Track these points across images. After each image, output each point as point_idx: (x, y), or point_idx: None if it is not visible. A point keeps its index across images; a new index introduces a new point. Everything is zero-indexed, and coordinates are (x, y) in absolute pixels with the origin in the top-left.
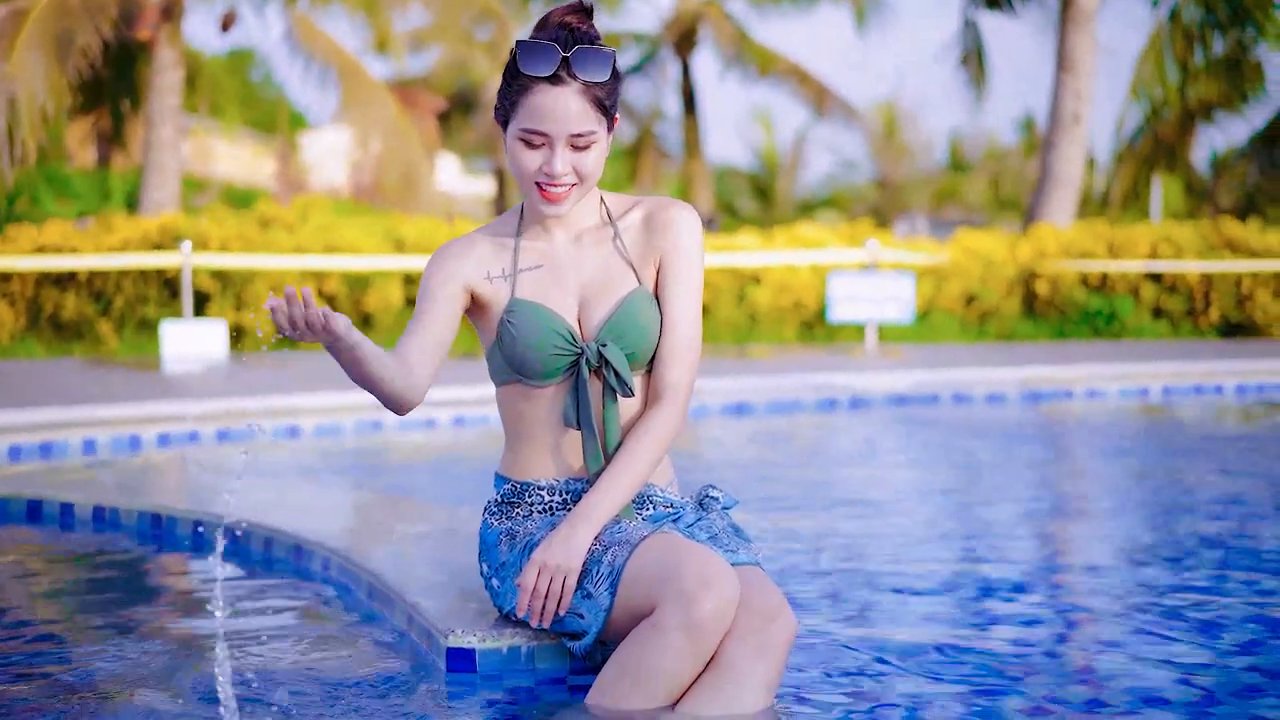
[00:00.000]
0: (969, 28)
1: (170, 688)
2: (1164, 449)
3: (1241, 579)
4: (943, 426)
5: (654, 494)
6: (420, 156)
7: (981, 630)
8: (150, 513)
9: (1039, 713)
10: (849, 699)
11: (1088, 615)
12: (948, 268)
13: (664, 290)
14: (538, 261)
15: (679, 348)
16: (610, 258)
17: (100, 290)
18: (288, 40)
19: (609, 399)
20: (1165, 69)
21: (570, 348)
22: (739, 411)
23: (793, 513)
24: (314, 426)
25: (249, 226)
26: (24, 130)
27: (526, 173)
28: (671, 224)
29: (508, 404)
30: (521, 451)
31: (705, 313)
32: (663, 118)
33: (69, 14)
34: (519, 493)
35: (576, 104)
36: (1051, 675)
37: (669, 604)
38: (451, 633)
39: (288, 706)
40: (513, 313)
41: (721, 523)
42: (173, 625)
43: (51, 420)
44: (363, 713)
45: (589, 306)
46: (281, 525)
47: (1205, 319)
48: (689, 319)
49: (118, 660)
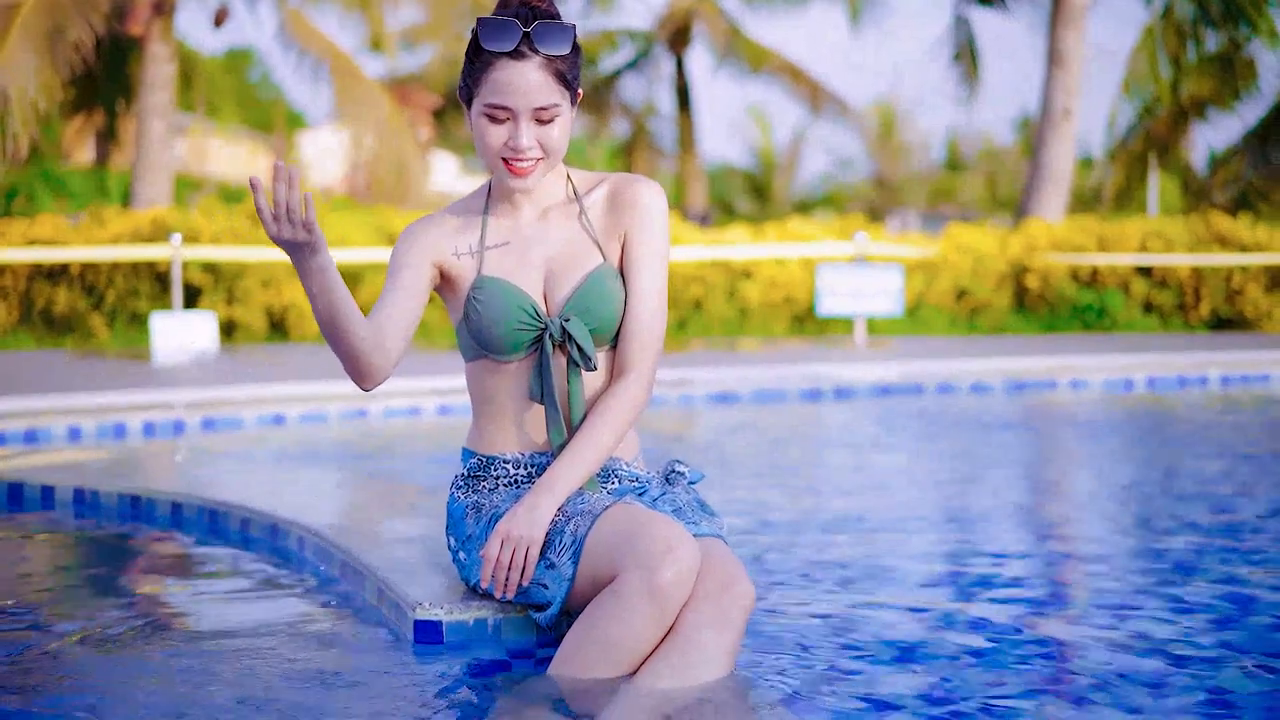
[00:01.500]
0: (960, 24)
1: (144, 661)
2: (1146, 438)
3: (1218, 559)
4: (925, 416)
5: (619, 468)
6: (413, 154)
7: (956, 609)
8: (130, 494)
9: (1019, 693)
10: (820, 678)
11: (1062, 595)
12: (938, 262)
13: (628, 267)
14: (505, 238)
15: (642, 323)
16: (576, 234)
17: (92, 284)
18: (280, 37)
19: (573, 373)
20: (1158, 66)
21: (534, 323)
22: (724, 400)
23: (769, 493)
24: (299, 414)
25: (240, 221)
26: (16, 126)
27: (492, 148)
28: (636, 201)
29: (475, 379)
30: (488, 426)
31: (696, 307)
32: (656, 114)
33: (60, 9)
34: (485, 466)
35: (538, 77)
36: (1027, 655)
37: (630, 571)
38: (419, 605)
39: (257, 678)
40: (479, 289)
41: (686, 496)
42: (148, 601)
43: (37, 408)
44: (329, 684)
45: (554, 282)
46: (259, 506)
47: (1196, 313)
48: (652, 293)
49: (94, 633)
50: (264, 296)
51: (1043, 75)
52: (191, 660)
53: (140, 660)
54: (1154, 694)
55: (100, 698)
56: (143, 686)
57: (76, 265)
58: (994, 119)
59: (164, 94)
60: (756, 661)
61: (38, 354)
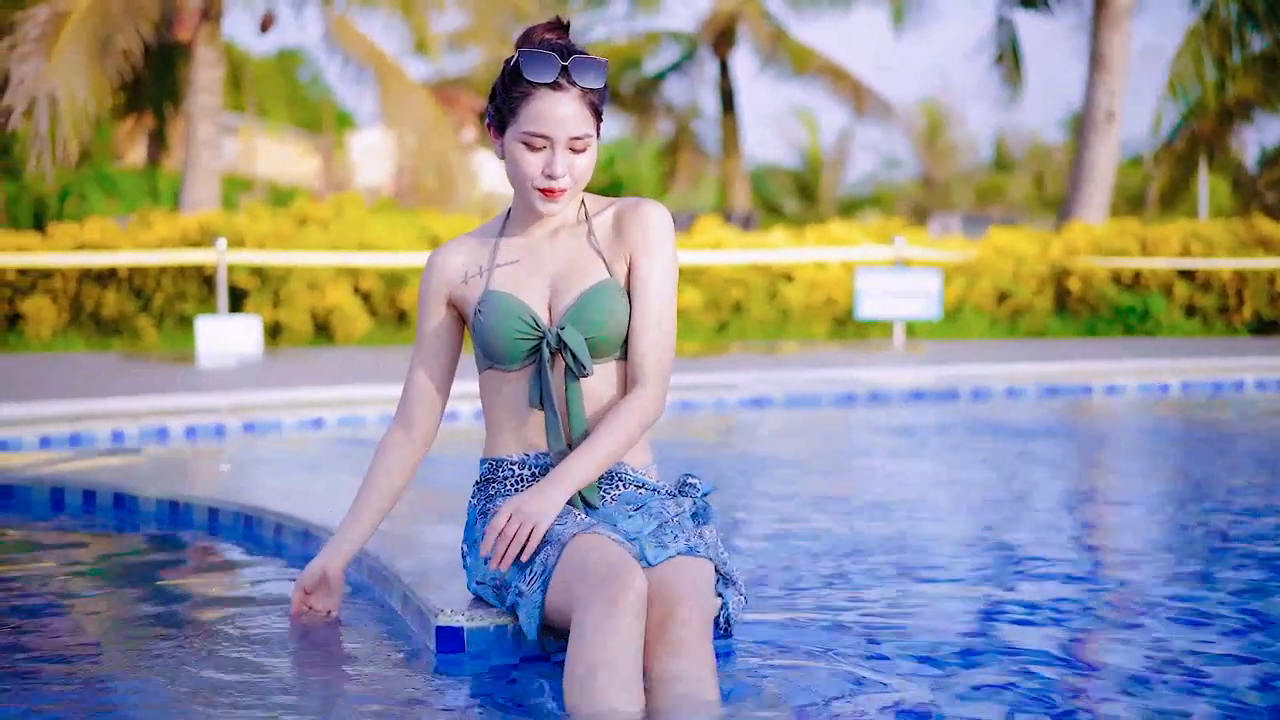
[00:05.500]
0: (1003, 26)
1: (165, 662)
2: (1177, 444)
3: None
4: (957, 421)
5: (625, 474)
6: (456, 156)
7: (988, 614)
8: (168, 499)
9: (1056, 705)
10: (845, 687)
11: (1091, 606)
12: (979, 265)
13: (636, 285)
14: (515, 256)
15: (652, 338)
16: (583, 250)
17: (140, 287)
18: (326, 41)
19: (571, 381)
20: (1203, 67)
21: (533, 332)
22: (758, 405)
23: (796, 500)
24: (338, 418)
25: (285, 224)
26: (65, 130)
27: (528, 175)
28: (640, 219)
29: (485, 389)
30: (497, 433)
31: (737, 310)
32: (700, 116)
33: (109, 16)
34: (494, 469)
35: (575, 108)
36: (1053, 662)
37: (579, 607)
38: (440, 612)
39: (282, 682)
40: (484, 302)
41: (677, 509)
42: (176, 603)
43: (80, 412)
44: (350, 689)
45: (558, 294)
46: (293, 512)
47: (1238, 316)
48: (661, 308)
49: (125, 635)
50: (309, 299)
51: (1085, 77)
52: (214, 664)
53: (162, 662)
54: (1187, 706)
55: (124, 696)
56: (163, 688)
57: (125, 268)
58: (1042, 118)
59: (211, 98)
60: (780, 668)
61: (86, 356)
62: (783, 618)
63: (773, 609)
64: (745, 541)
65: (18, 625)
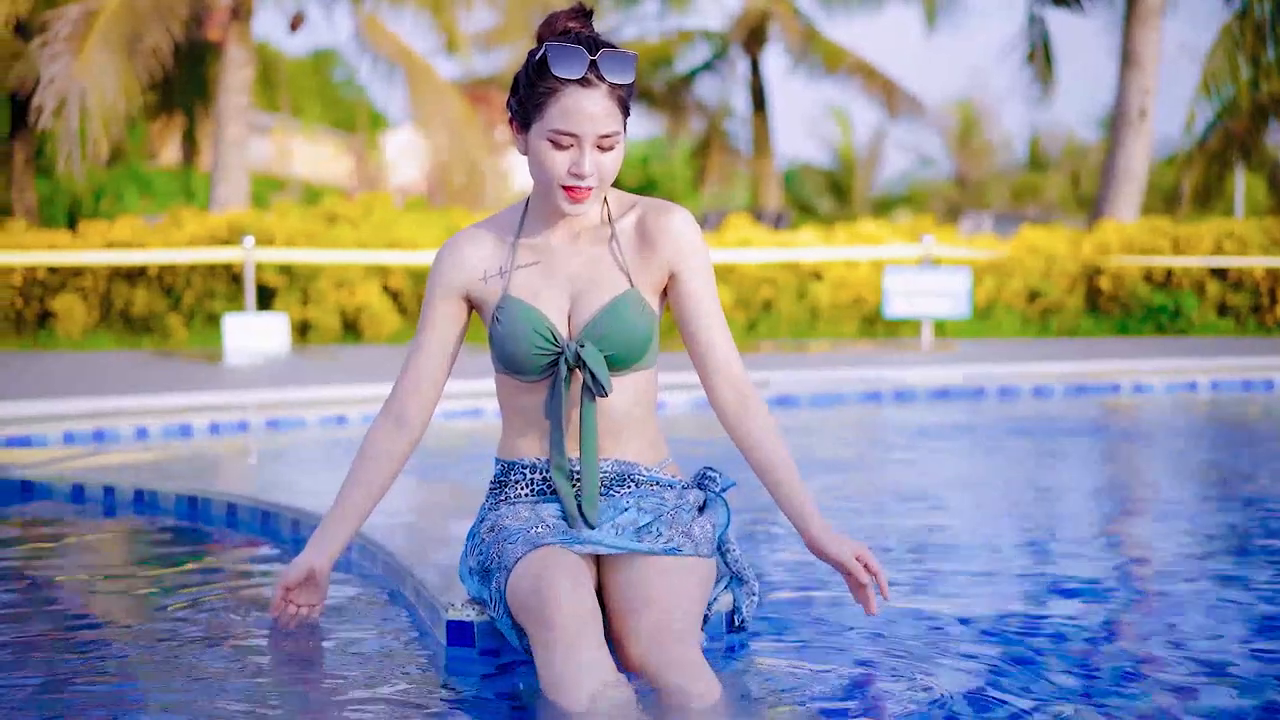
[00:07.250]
0: (1034, 24)
1: (179, 656)
2: (1203, 441)
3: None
4: (984, 419)
5: (637, 474)
6: (485, 155)
7: (1011, 615)
8: (187, 495)
9: (1080, 704)
10: (869, 684)
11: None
12: (1010, 264)
13: (689, 300)
14: (535, 258)
15: (728, 346)
16: (605, 258)
17: (170, 285)
18: (356, 40)
19: (586, 397)
20: (1237, 64)
21: (552, 347)
22: (784, 404)
23: (819, 497)
24: (361, 416)
25: (314, 222)
26: (95, 129)
27: (554, 173)
28: (668, 232)
29: (502, 389)
30: (512, 434)
31: (766, 309)
32: (731, 115)
33: (139, 15)
34: (508, 472)
35: (605, 105)
36: (1078, 663)
37: (527, 632)
38: (451, 606)
39: (293, 674)
40: (501, 309)
41: (678, 500)
42: (190, 598)
43: (105, 409)
44: (360, 682)
45: (578, 304)
46: (312, 508)
47: (1271, 315)
48: (720, 314)
49: (136, 628)
50: (337, 297)
51: (1117, 75)
52: (226, 656)
53: (175, 656)
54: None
55: (140, 694)
56: (178, 681)
57: (155, 267)
58: (1078, 116)
59: (241, 97)
60: (801, 669)
61: (115, 354)
62: (801, 615)
63: (791, 607)
64: (766, 539)
65: (33, 615)
